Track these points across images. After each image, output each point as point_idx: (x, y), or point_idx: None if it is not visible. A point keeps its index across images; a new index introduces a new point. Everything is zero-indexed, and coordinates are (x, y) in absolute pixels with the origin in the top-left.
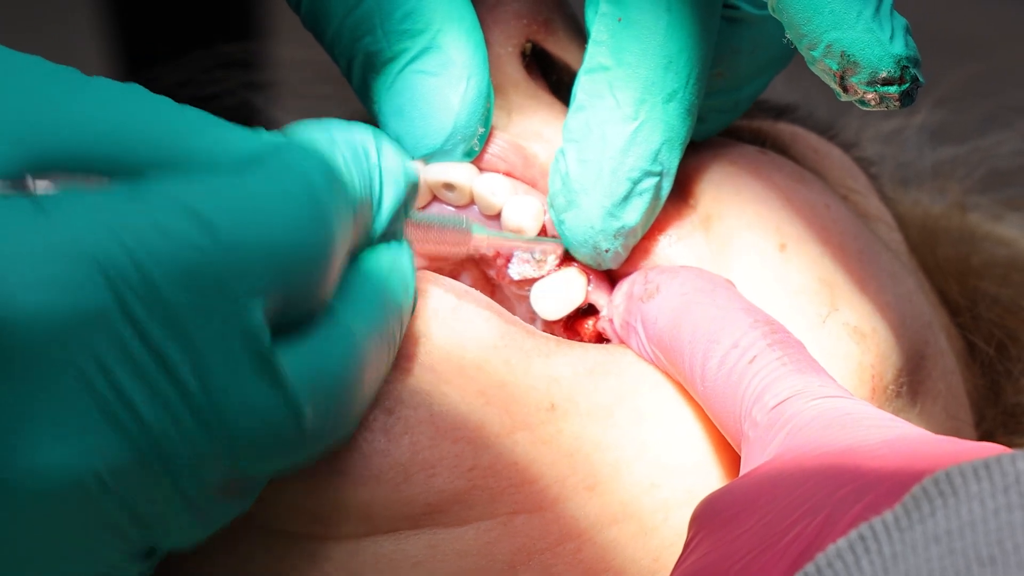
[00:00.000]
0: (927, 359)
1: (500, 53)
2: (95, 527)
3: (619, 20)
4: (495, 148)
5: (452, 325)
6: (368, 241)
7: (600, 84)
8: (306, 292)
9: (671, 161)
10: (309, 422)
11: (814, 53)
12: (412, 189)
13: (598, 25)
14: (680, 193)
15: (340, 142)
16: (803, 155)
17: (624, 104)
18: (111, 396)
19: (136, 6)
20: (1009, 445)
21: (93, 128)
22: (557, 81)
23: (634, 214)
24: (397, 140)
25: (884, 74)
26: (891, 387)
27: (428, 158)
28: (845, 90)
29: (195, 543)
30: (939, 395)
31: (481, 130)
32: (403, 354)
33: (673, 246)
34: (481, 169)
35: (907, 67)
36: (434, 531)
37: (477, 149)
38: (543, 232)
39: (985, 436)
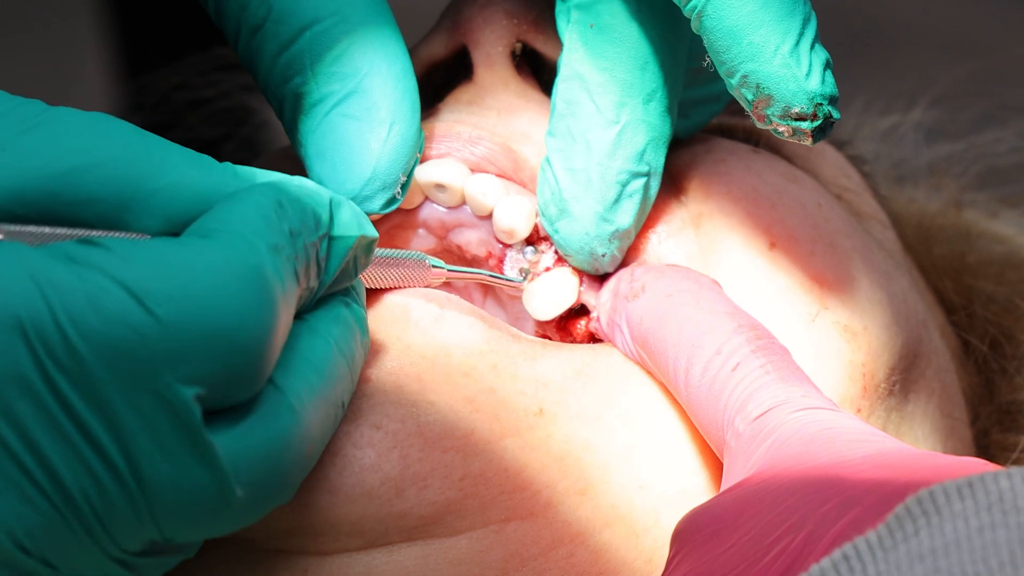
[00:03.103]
0: (921, 357)
1: (489, 53)
2: None
3: (591, 26)
4: (485, 151)
5: (435, 333)
6: (312, 301)
7: (578, 91)
8: (245, 379)
9: (657, 160)
10: (240, 499)
11: (731, 81)
12: (368, 246)
13: (570, 33)
14: (671, 190)
15: (288, 206)
16: (796, 153)
17: (605, 108)
18: (28, 458)
19: (132, 9)
20: (1004, 442)
21: (41, 173)
22: (548, 81)
23: (626, 216)
24: (320, 183)
25: (796, 110)
26: (883, 385)
27: None
28: (759, 119)
29: None
30: (933, 393)
31: (403, 179)
32: (387, 366)
33: (663, 243)
34: (472, 170)
35: (820, 104)
36: (427, 542)
37: (400, 198)
38: (535, 233)
39: (980, 434)
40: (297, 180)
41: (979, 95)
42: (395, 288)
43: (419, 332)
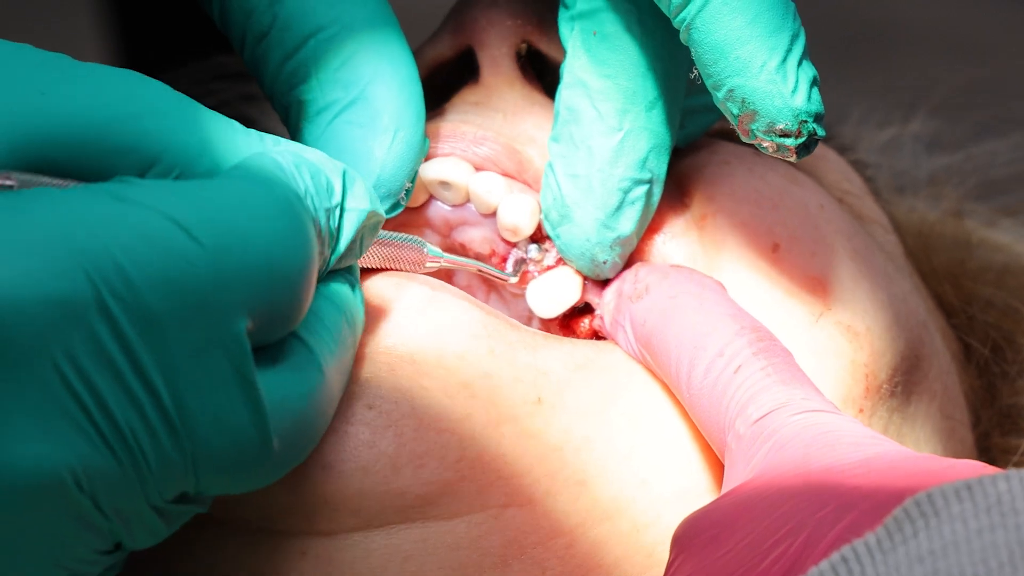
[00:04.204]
0: (923, 359)
1: (495, 54)
2: (67, 521)
3: (594, 34)
4: (489, 151)
5: (429, 314)
6: (324, 272)
7: (581, 98)
8: (287, 312)
9: (659, 167)
10: (275, 450)
11: (717, 94)
12: (375, 226)
13: (573, 40)
14: (674, 192)
15: (303, 168)
16: None
17: (607, 116)
18: (86, 396)
19: (132, 11)
20: (1006, 445)
21: (80, 119)
22: (552, 83)
23: (628, 223)
24: None
25: (781, 126)
26: (885, 386)
27: None
28: (744, 134)
29: (158, 541)
30: (935, 395)
31: (408, 185)
32: (380, 346)
33: (667, 244)
34: (476, 169)
35: (805, 121)
36: (425, 524)
37: (403, 203)
38: (538, 231)
39: (981, 437)
40: (313, 151)
41: (976, 107)
42: (387, 269)
43: (414, 313)
